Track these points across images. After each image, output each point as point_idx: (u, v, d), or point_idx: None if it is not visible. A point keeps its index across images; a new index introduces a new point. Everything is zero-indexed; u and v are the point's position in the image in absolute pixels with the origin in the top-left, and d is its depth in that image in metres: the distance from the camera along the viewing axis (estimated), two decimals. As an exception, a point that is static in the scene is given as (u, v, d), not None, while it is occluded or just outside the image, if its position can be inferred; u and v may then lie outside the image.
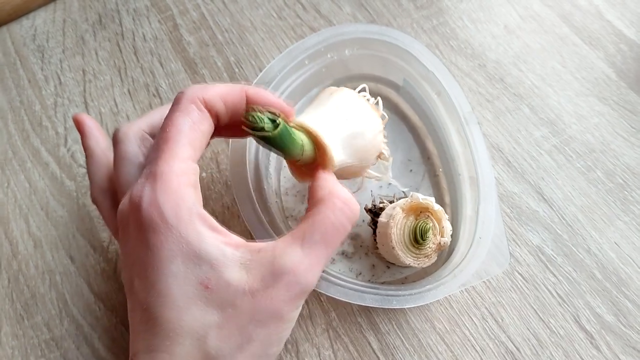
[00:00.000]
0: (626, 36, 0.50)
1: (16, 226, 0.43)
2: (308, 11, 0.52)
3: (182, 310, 0.25)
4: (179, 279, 0.25)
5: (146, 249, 0.25)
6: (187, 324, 0.25)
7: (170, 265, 0.25)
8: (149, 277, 0.25)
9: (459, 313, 0.39)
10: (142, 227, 0.25)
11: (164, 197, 0.25)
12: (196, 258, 0.25)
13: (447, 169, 0.42)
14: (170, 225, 0.25)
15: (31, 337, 0.39)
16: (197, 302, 0.25)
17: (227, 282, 0.25)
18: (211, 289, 0.25)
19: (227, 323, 0.25)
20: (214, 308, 0.25)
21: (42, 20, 0.53)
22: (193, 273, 0.25)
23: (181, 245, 0.25)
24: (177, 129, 0.27)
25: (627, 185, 0.43)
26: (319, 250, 0.26)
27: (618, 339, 0.37)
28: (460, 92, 0.40)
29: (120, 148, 0.31)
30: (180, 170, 0.26)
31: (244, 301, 0.25)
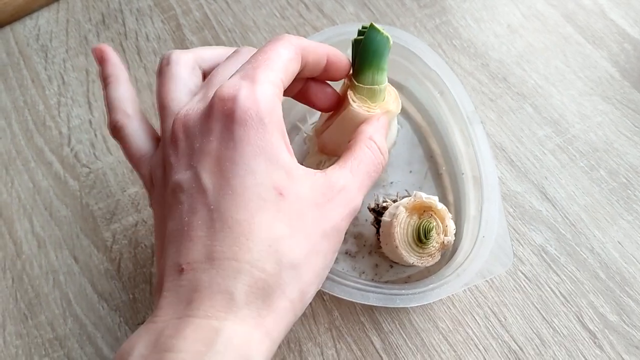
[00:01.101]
0: (630, 35, 0.50)
1: (20, 226, 0.43)
2: (311, 11, 0.52)
3: (255, 213, 0.25)
4: (256, 179, 0.25)
5: (230, 141, 0.25)
6: (258, 228, 0.25)
7: (251, 161, 0.25)
8: (224, 172, 0.25)
9: (462, 312, 0.39)
10: (233, 119, 0.25)
11: (263, 96, 0.26)
12: (276, 162, 0.26)
13: (451, 168, 0.41)
14: (263, 123, 0.25)
15: (35, 336, 0.39)
16: (270, 207, 0.25)
17: (298, 193, 0.26)
18: (284, 197, 0.25)
19: (297, 233, 0.25)
20: (285, 216, 0.25)
21: (46, 20, 0.53)
22: (271, 176, 0.25)
23: (267, 145, 0.25)
24: (277, 54, 0.28)
25: (630, 185, 0.43)
26: (363, 178, 0.29)
27: (621, 339, 0.37)
28: (464, 91, 0.40)
29: (172, 68, 0.31)
30: (275, 83, 0.27)
31: (312, 213, 0.26)
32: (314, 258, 0.26)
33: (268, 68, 0.27)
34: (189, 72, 0.32)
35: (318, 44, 0.31)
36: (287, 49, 0.28)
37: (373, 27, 0.32)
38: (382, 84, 0.33)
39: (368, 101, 0.33)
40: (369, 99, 0.33)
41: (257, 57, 0.28)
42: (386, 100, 0.34)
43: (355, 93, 0.34)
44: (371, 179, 0.30)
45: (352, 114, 0.33)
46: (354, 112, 0.33)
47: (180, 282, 0.25)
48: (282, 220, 0.25)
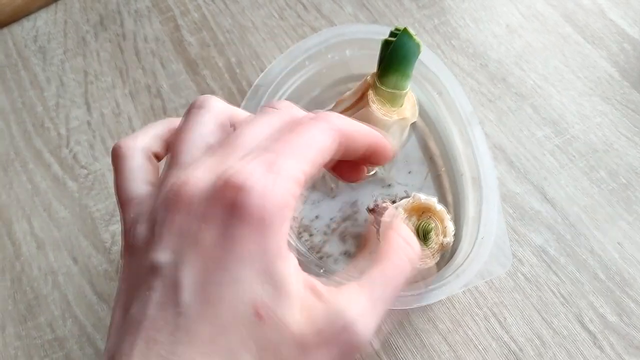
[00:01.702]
0: (629, 35, 0.49)
1: (19, 227, 0.43)
2: (309, 11, 0.52)
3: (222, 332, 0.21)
4: (237, 291, 0.21)
5: (225, 239, 0.21)
6: (220, 350, 0.21)
7: (239, 269, 0.21)
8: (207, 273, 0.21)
9: (462, 313, 0.38)
10: (236, 214, 0.21)
11: (278, 196, 0.22)
12: (267, 274, 0.21)
13: (450, 168, 0.41)
14: (265, 225, 0.21)
15: (34, 337, 0.39)
16: (240, 328, 0.21)
17: (282, 320, 0.21)
18: (263, 320, 0.21)
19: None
20: (255, 344, 0.21)
21: (44, 21, 0.53)
22: (254, 291, 0.21)
23: (260, 252, 0.21)
24: (312, 140, 0.24)
25: (630, 185, 0.43)
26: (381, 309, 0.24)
27: (621, 339, 0.37)
28: (462, 92, 0.40)
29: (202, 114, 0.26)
30: (298, 179, 0.23)
31: (289, 352, 0.21)
32: None
33: (295, 157, 0.23)
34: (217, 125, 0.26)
35: (365, 131, 0.27)
36: (325, 134, 0.24)
37: (406, 31, 0.32)
38: (404, 90, 0.33)
39: (387, 105, 0.33)
40: (389, 102, 0.33)
41: (287, 137, 0.24)
42: (404, 106, 0.34)
43: (375, 94, 0.34)
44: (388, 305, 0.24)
45: (369, 114, 0.33)
46: (372, 113, 0.33)
47: None
48: (250, 349, 0.21)
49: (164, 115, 0.47)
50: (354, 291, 0.23)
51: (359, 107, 0.35)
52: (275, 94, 0.41)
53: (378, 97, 0.34)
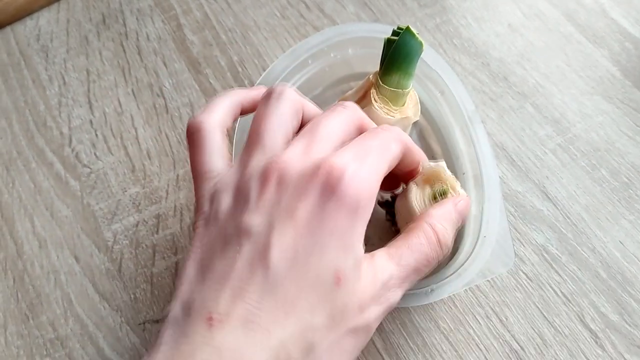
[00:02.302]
0: (631, 34, 0.49)
1: (21, 226, 0.43)
2: (312, 10, 0.52)
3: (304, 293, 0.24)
4: (322, 259, 0.24)
5: (319, 212, 0.24)
6: (302, 308, 0.24)
7: (327, 238, 0.24)
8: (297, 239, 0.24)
9: (463, 312, 0.38)
10: (332, 192, 0.25)
11: (368, 184, 0.25)
12: (349, 250, 0.25)
13: (451, 167, 0.41)
14: (357, 210, 0.25)
15: (36, 336, 0.39)
16: (320, 291, 0.24)
17: (355, 287, 0.25)
18: (340, 286, 0.24)
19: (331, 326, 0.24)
20: (331, 305, 0.24)
21: (46, 20, 0.53)
22: (336, 260, 0.24)
23: (349, 231, 0.25)
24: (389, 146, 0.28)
25: (632, 184, 0.43)
26: (409, 273, 0.27)
27: (623, 338, 0.37)
28: (464, 90, 0.40)
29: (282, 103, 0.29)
30: (380, 177, 0.27)
31: (353, 311, 0.25)
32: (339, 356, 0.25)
33: (378, 158, 0.27)
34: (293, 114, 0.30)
35: (419, 151, 0.31)
36: (397, 144, 0.28)
37: (409, 30, 0.32)
38: (407, 89, 0.33)
39: (390, 103, 0.33)
40: (391, 101, 0.33)
41: (369, 142, 0.27)
42: (407, 105, 0.34)
43: (378, 92, 0.34)
44: (419, 275, 0.28)
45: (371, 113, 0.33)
46: (374, 112, 0.33)
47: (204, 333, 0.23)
48: (324, 309, 0.24)
49: (166, 114, 0.48)
50: (385, 256, 0.27)
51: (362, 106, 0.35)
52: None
53: (380, 96, 0.34)
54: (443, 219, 0.30)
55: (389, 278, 0.26)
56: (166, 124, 0.47)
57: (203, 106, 0.31)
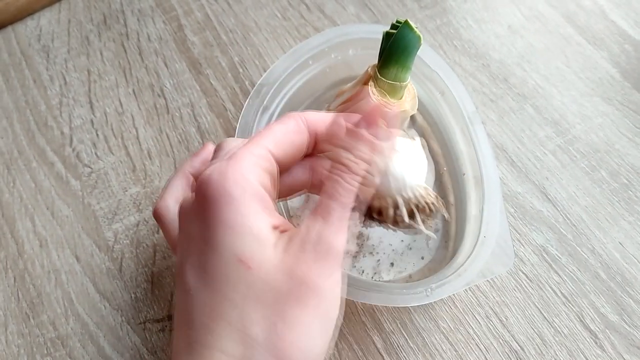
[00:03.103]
0: (630, 36, 0.50)
1: (22, 226, 0.43)
2: (312, 11, 0.52)
3: (225, 295, 0.24)
4: (223, 255, 0.24)
5: (204, 222, 0.25)
6: (227, 311, 0.24)
7: (219, 238, 0.24)
8: (201, 256, 0.25)
9: (463, 312, 0.39)
10: (206, 199, 0.25)
11: (234, 171, 0.25)
12: (245, 231, 0.24)
13: (452, 168, 0.42)
14: (233, 197, 0.25)
15: (37, 335, 0.39)
16: (237, 285, 0.24)
17: (270, 259, 0.24)
18: (252, 269, 0.24)
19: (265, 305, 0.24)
20: (254, 291, 0.24)
21: (47, 20, 0.53)
22: (235, 248, 0.24)
23: (235, 217, 0.25)
24: (269, 130, 0.28)
25: (631, 185, 0.43)
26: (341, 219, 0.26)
27: (622, 339, 0.37)
28: (464, 91, 0.40)
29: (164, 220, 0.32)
30: (258, 154, 0.27)
31: (280, 278, 0.24)
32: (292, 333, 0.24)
33: (253, 144, 0.27)
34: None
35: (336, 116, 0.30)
36: (283, 123, 0.28)
37: (407, 24, 0.32)
38: (404, 82, 0.33)
39: (387, 96, 0.33)
40: (389, 93, 0.33)
41: (252, 137, 0.28)
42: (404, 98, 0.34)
43: (375, 85, 0.34)
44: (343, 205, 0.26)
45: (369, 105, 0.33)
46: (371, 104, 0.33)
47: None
48: (248, 294, 0.24)
49: (167, 114, 0.48)
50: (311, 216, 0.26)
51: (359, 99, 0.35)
52: (278, 93, 0.41)
53: (378, 89, 0.34)
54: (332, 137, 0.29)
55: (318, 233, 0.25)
56: (167, 124, 0.47)
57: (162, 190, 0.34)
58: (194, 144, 0.46)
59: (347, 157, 0.27)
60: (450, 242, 0.40)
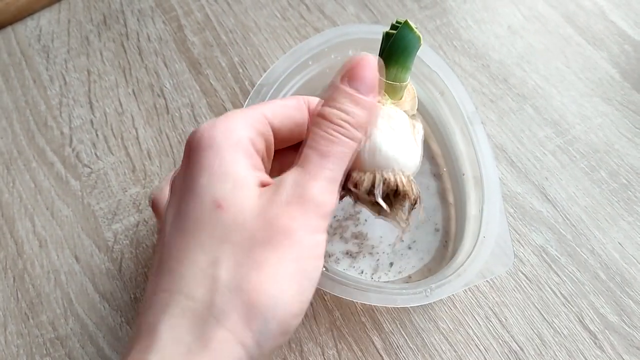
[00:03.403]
0: (630, 37, 0.50)
1: (21, 226, 0.43)
2: (312, 12, 0.53)
3: (193, 235, 0.24)
4: (198, 197, 0.24)
5: (186, 168, 0.25)
6: (194, 250, 0.23)
7: (196, 181, 0.24)
8: (179, 201, 0.25)
9: (463, 312, 0.39)
10: (190, 148, 0.26)
11: (221, 124, 0.26)
12: (222, 175, 0.24)
13: (451, 168, 0.42)
14: (216, 143, 0.25)
15: (36, 336, 0.39)
16: (207, 224, 0.24)
17: (243, 203, 0.24)
18: (224, 209, 0.24)
19: (238, 249, 0.23)
20: (224, 232, 0.23)
21: (47, 20, 0.53)
22: (212, 190, 0.24)
23: (215, 163, 0.25)
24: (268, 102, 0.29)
25: (631, 186, 0.43)
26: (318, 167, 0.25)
27: (622, 339, 0.37)
28: (464, 92, 0.40)
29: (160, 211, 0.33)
30: (250, 115, 0.27)
31: (254, 222, 0.23)
32: (261, 273, 0.23)
33: (249, 108, 0.28)
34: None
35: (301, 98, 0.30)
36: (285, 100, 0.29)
37: (407, 24, 0.32)
38: (404, 82, 0.33)
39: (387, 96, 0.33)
40: (388, 94, 0.33)
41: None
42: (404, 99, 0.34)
43: None
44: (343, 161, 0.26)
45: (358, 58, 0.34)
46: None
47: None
48: (220, 237, 0.23)
49: (167, 114, 0.48)
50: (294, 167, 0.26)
51: None
52: (278, 93, 0.41)
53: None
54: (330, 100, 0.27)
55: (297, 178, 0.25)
56: (167, 124, 0.47)
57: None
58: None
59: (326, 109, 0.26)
60: (449, 243, 0.40)
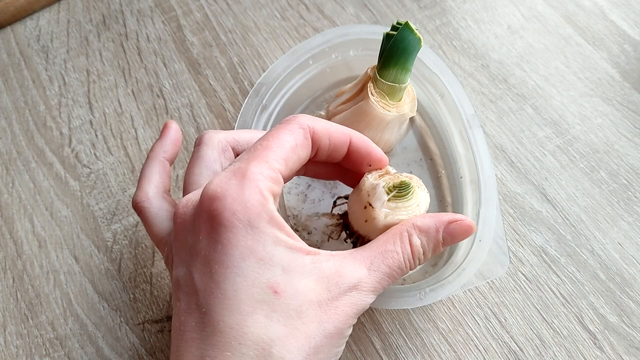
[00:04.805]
0: (630, 36, 0.50)
1: (21, 226, 0.43)
2: (311, 12, 0.52)
3: (247, 316, 0.24)
4: (247, 280, 0.24)
5: (217, 244, 0.24)
6: (251, 331, 0.24)
7: (241, 263, 0.24)
8: (214, 274, 0.24)
9: (462, 313, 0.39)
10: (218, 221, 0.25)
11: (251, 196, 0.25)
12: (270, 260, 0.25)
13: (449, 170, 0.42)
14: (252, 224, 0.24)
15: (35, 336, 0.39)
16: (263, 307, 0.24)
17: (297, 289, 0.25)
18: (280, 294, 0.24)
19: (294, 333, 0.24)
20: (280, 316, 0.24)
21: (46, 20, 0.53)
22: (263, 276, 0.24)
23: (257, 246, 0.24)
24: (279, 142, 0.27)
25: (630, 186, 0.43)
26: (382, 279, 0.27)
27: (621, 340, 0.37)
28: (464, 94, 0.40)
29: (201, 149, 0.31)
30: (270, 176, 0.26)
31: (311, 310, 0.25)
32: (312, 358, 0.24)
33: (263, 160, 0.26)
34: (218, 154, 0.31)
35: (338, 128, 0.29)
36: (293, 134, 0.27)
37: (407, 25, 0.32)
38: (404, 84, 0.33)
39: (386, 97, 0.33)
40: (388, 95, 0.33)
41: (257, 145, 0.27)
42: (403, 100, 0.34)
43: (375, 86, 0.34)
44: (392, 280, 0.27)
45: (367, 106, 0.33)
46: (370, 105, 0.33)
47: None
48: (277, 320, 0.24)
49: (166, 115, 0.48)
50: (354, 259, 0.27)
51: (359, 99, 0.35)
52: (277, 92, 0.41)
53: (377, 90, 0.34)
54: (425, 234, 0.28)
55: (358, 281, 0.26)
56: (166, 124, 0.47)
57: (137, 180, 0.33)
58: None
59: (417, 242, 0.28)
60: (448, 243, 0.40)
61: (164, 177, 0.33)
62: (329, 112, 0.39)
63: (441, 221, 0.29)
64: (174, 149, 0.34)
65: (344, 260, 0.26)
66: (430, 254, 0.29)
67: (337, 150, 0.30)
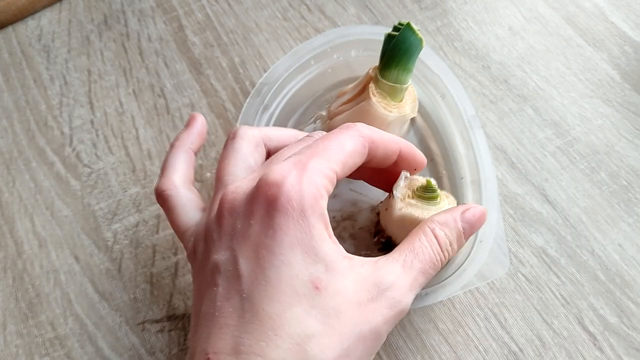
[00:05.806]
0: (631, 38, 0.50)
1: (21, 225, 0.43)
2: (313, 12, 0.53)
3: (287, 307, 0.24)
4: (292, 271, 0.24)
5: (269, 229, 0.25)
6: (288, 323, 0.24)
7: (288, 252, 0.24)
8: (260, 260, 0.25)
9: (462, 314, 0.39)
10: (275, 206, 0.25)
11: (309, 187, 0.25)
12: (315, 255, 0.25)
13: (450, 171, 0.42)
14: (305, 215, 0.25)
15: (35, 336, 0.39)
16: (302, 301, 0.24)
17: (337, 288, 0.25)
18: (321, 291, 0.24)
19: (331, 331, 0.24)
20: (318, 312, 0.24)
21: (48, 20, 0.54)
22: (307, 269, 0.25)
23: (306, 238, 0.25)
24: (340, 145, 0.28)
25: (631, 187, 0.43)
26: (416, 276, 0.27)
27: (621, 341, 0.37)
28: (465, 95, 0.40)
29: (236, 141, 0.31)
30: (327, 175, 0.26)
31: (349, 311, 0.25)
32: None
33: (323, 158, 0.27)
34: (252, 148, 0.31)
35: (391, 138, 0.30)
36: (353, 140, 0.28)
37: (409, 26, 0.32)
38: (405, 84, 0.33)
39: (388, 98, 0.33)
40: (389, 95, 0.33)
41: (319, 143, 0.28)
42: (405, 101, 0.34)
43: (376, 87, 0.34)
44: (426, 276, 0.28)
45: (369, 107, 0.34)
46: (372, 106, 0.33)
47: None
48: (315, 316, 0.24)
49: (167, 114, 0.48)
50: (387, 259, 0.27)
51: (360, 100, 0.35)
52: (279, 92, 0.41)
53: (379, 91, 0.34)
54: (445, 225, 0.29)
55: (394, 280, 0.26)
56: (167, 124, 0.47)
57: (161, 167, 0.33)
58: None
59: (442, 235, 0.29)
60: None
61: (190, 167, 0.33)
62: (330, 112, 0.39)
63: (456, 212, 0.30)
64: (200, 141, 0.34)
65: (377, 264, 0.27)
66: (456, 246, 0.30)
67: (387, 159, 0.31)
